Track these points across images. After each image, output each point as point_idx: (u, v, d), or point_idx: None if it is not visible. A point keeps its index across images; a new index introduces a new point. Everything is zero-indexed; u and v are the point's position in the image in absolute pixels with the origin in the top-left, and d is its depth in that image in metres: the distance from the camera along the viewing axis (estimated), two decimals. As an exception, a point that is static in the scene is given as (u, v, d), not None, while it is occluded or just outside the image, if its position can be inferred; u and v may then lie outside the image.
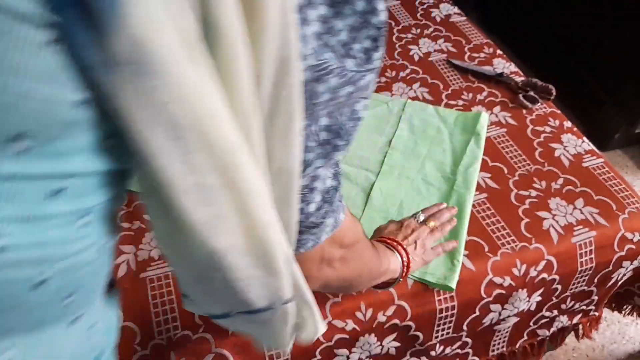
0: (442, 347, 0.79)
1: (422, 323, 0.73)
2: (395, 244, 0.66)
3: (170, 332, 0.65)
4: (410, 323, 0.72)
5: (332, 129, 0.35)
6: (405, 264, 0.65)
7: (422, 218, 0.72)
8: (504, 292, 0.75)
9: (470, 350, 0.83)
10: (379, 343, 0.72)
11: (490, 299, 0.75)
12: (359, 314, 0.69)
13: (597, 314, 0.93)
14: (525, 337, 0.88)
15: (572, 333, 0.98)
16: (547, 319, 0.87)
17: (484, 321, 0.78)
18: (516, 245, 0.77)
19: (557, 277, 0.78)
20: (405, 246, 0.66)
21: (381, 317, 0.70)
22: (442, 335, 0.77)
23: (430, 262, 0.70)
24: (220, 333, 0.66)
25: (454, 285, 0.71)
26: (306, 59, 0.29)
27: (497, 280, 0.74)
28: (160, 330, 0.66)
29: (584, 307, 0.89)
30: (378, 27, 0.32)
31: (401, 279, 0.66)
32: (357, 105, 0.36)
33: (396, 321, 0.71)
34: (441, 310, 0.73)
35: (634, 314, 0.97)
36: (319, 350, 0.69)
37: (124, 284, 0.70)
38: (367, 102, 0.37)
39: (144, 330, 0.66)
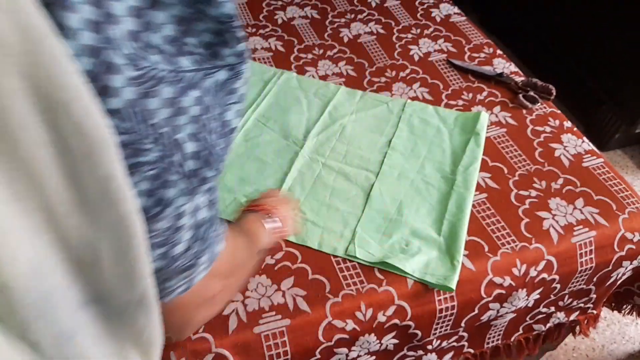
0: (439, 342, 0.79)
1: (421, 322, 0.73)
2: (259, 208, 0.61)
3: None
4: (410, 322, 0.72)
5: (201, 155, 0.29)
6: (277, 222, 0.61)
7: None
8: (504, 292, 0.75)
9: (465, 343, 0.84)
10: (378, 341, 0.72)
11: (490, 298, 0.75)
12: (359, 314, 0.69)
13: (595, 312, 0.93)
14: (521, 332, 0.89)
15: (572, 333, 0.98)
16: (544, 315, 0.87)
17: (482, 318, 0.78)
18: (516, 245, 0.77)
19: (557, 276, 0.78)
20: (269, 208, 0.62)
21: (381, 317, 0.70)
22: (440, 332, 0.77)
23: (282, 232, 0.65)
24: (220, 333, 0.66)
25: (454, 285, 0.71)
26: (122, 72, 0.24)
27: (497, 280, 0.74)
28: (160, 331, 0.66)
29: (582, 305, 0.89)
30: (220, 21, 0.28)
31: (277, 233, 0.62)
32: (227, 114, 0.31)
33: (396, 321, 0.71)
34: (441, 310, 0.73)
35: (634, 313, 0.97)
36: (319, 350, 0.69)
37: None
38: (239, 108, 0.32)
39: (144, 330, 0.66)
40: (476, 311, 0.76)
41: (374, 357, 0.75)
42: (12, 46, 0.19)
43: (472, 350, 0.86)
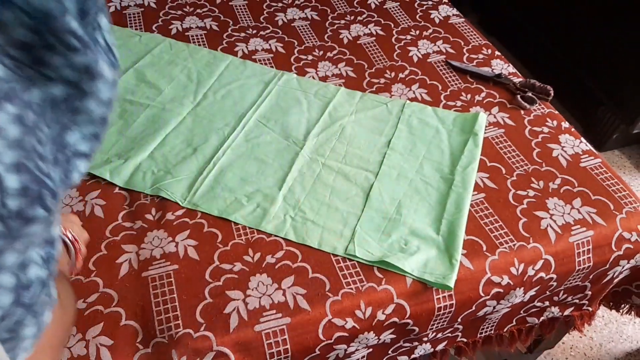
0: (434, 334, 0.80)
1: (420, 320, 0.74)
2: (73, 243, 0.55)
3: (172, 331, 0.66)
4: (409, 320, 0.73)
5: (29, 190, 0.23)
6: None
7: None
8: (501, 290, 0.76)
9: (459, 334, 0.85)
10: (376, 337, 0.73)
11: (488, 297, 0.76)
12: (358, 313, 0.70)
13: (590, 309, 0.94)
14: (514, 323, 0.90)
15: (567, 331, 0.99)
16: (538, 309, 0.88)
17: (478, 314, 0.79)
18: (514, 245, 0.78)
19: (554, 275, 0.79)
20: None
21: (380, 316, 0.71)
22: (437, 327, 0.78)
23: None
24: (221, 331, 0.66)
25: (452, 284, 0.72)
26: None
27: (495, 279, 0.75)
28: (162, 329, 0.66)
29: (577, 301, 0.90)
30: (35, 17, 0.22)
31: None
32: (68, 136, 0.26)
33: (395, 319, 0.72)
34: (439, 309, 0.73)
35: (632, 312, 0.98)
36: (318, 347, 0.70)
37: (125, 283, 0.71)
38: (94, 132, 0.27)
39: (146, 328, 0.66)
40: (473, 308, 0.76)
41: (370, 350, 0.76)
42: None
43: (464, 340, 0.87)
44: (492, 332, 0.89)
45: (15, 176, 0.21)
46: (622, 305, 0.98)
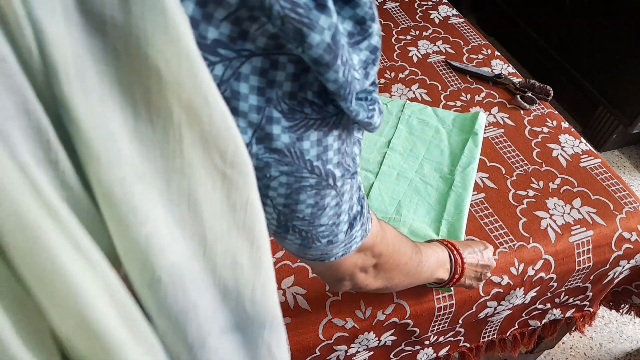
0: (436, 337, 0.80)
1: (420, 320, 0.74)
2: (454, 250, 0.65)
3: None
4: (409, 321, 0.73)
5: (344, 174, 0.35)
6: (457, 275, 0.64)
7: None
8: (501, 290, 0.76)
9: (462, 338, 0.84)
10: (377, 338, 0.73)
11: (489, 297, 0.76)
12: (358, 313, 0.70)
13: (591, 310, 0.94)
14: (516, 327, 0.89)
15: (568, 331, 0.99)
16: (540, 311, 0.88)
17: (479, 315, 0.78)
18: (514, 245, 0.78)
19: (554, 275, 0.79)
20: (462, 253, 0.65)
21: (380, 316, 0.71)
22: (438, 328, 0.77)
23: (475, 287, 0.70)
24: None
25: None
26: (279, 122, 0.30)
27: (496, 279, 0.75)
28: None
29: (578, 302, 0.90)
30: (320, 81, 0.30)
31: (451, 283, 0.65)
32: (357, 137, 0.37)
33: (395, 319, 0.72)
34: (440, 309, 0.73)
35: (632, 312, 0.98)
36: (318, 348, 0.70)
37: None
38: (360, 137, 0.37)
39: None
40: (474, 309, 0.76)
41: (372, 352, 0.76)
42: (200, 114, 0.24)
43: (467, 345, 0.87)
44: (495, 336, 0.89)
45: (339, 170, 0.34)
46: (622, 305, 0.98)
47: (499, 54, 1.17)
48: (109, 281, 0.25)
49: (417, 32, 1.22)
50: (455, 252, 0.65)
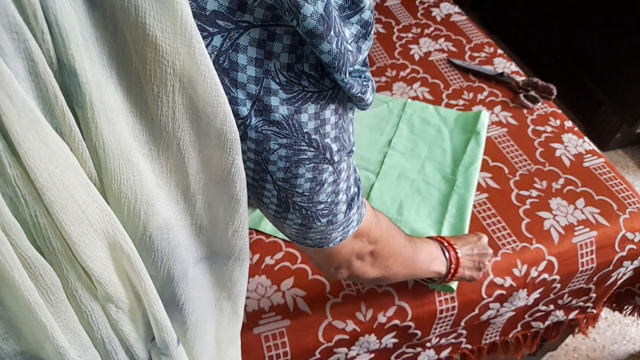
0: (437, 339, 0.79)
1: (421, 323, 0.73)
2: (444, 242, 0.65)
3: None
4: (410, 323, 0.72)
5: (341, 149, 0.36)
6: (454, 265, 0.63)
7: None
8: (504, 292, 0.75)
9: (464, 340, 0.84)
10: (378, 341, 0.72)
11: (491, 299, 0.75)
12: (359, 315, 0.69)
13: (595, 311, 0.93)
14: (519, 329, 0.89)
15: (571, 333, 0.98)
16: (543, 313, 0.87)
17: (481, 317, 0.78)
18: (517, 246, 0.77)
19: (557, 277, 0.78)
20: (455, 248, 0.64)
21: (381, 318, 0.70)
22: (440, 331, 0.77)
23: (475, 280, 0.68)
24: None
25: (454, 286, 0.71)
26: (277, 94, 0.31)
27: (498, 280, 0.74)
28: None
29: (581, 304, 0.89)
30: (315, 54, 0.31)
31: (447, 279, 0.64)
32: (351, 116, 0.38)
33: (396, 322, 0.71)
34: (441, 311, 0.72)
35: (635, 314, 0.97)
36: (318, 350, 0.69)
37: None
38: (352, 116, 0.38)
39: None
40: (476, 311, 0.75)
41: (372, 355, 0.75)
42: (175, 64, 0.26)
43: (469, 347, 0.86)
44: (497, 338, 0.88)
45: (335, 144, 0.35)
46: (626, 307, 0.97)
47: (501, 52, 1.16)
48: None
49: (419, 30, 1.21)
50: (446, 243, 0.64)
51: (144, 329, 0.35)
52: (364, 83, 0.34)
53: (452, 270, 0.63)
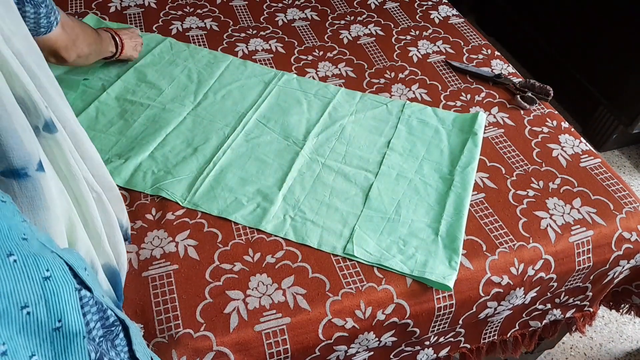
0: (436, 337, 0.80)
1: (420, 320, 0.74)
2: (114, 34, 0.97)
3: (172, 331, 0.66)
4: (409, 321, 0.73)
5: None
6: (120, 42, 0.98)
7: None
8: (501, 290, 0.76)
9: (462, 339, 0.85)
10: (377, 339, 0.73)
11: (488, 297, 0.76)
12: (358, 312, 0.70)
13: (591, 310, 0.94)
14: (517, 328, 0.90)
15: (568, 331, 0.99)
16: (540, 312, 0.88)
17: (479, 316, 0.78)
18: (514, 245, 0.78)
19: (554, 275, 0.79)
20: (121, 36, 0.98)
21: (380, 316, 0.71)
22: (438, 329, 0.77)
23: (135, 57, 1.05)
24: (221, 331, 0.66)
25: (452, 284, 0.72)
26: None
27: (495, 279, 0.75)
28: (162, 329, 0.66)
29: (578, 302, 0.90)
30: None
31: (121, 52, 0.99)
32: None
33: (395, 319, 0.72)
34: (439, 309, 0.73)
35: (632, 312, 0.98)
36: (318, 347, 0.70)
37: (126, 283, 0.71)
38: None
39: (146, 328, 0.66)
40: (474, 309, 0.76)
41: (372, 353, 0.76)
42: None
43: (468, 345, 0.87)
44: (496, 337, 0.89)
45: None
46: (622, 305, 0.98)
47: (498, 53, 1.17)
48: None
49: (417, 32, 1.22)
50: (112, 32, 0.97)
51: None
52: None
53: (121, 50, 0.98)
